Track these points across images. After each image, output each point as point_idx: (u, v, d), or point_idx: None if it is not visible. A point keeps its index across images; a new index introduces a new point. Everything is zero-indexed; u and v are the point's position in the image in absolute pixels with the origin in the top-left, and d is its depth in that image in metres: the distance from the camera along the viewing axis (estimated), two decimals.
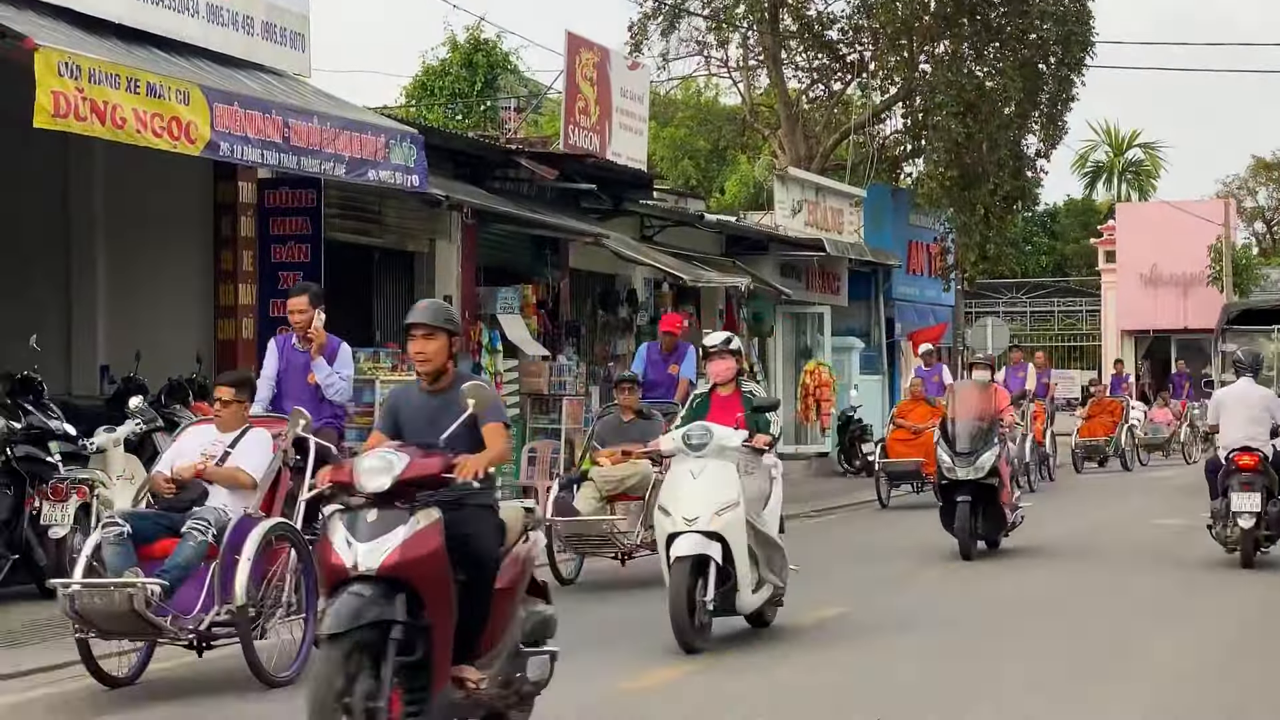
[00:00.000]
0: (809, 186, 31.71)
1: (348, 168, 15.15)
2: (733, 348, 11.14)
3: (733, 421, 10.47)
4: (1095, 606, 12.24)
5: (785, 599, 10.66)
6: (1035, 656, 9.97)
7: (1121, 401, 30.88)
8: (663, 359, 16.55)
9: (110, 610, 8.32)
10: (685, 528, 9.82)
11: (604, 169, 22.60)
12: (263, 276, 16.92)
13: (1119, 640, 10.60)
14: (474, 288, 20.25)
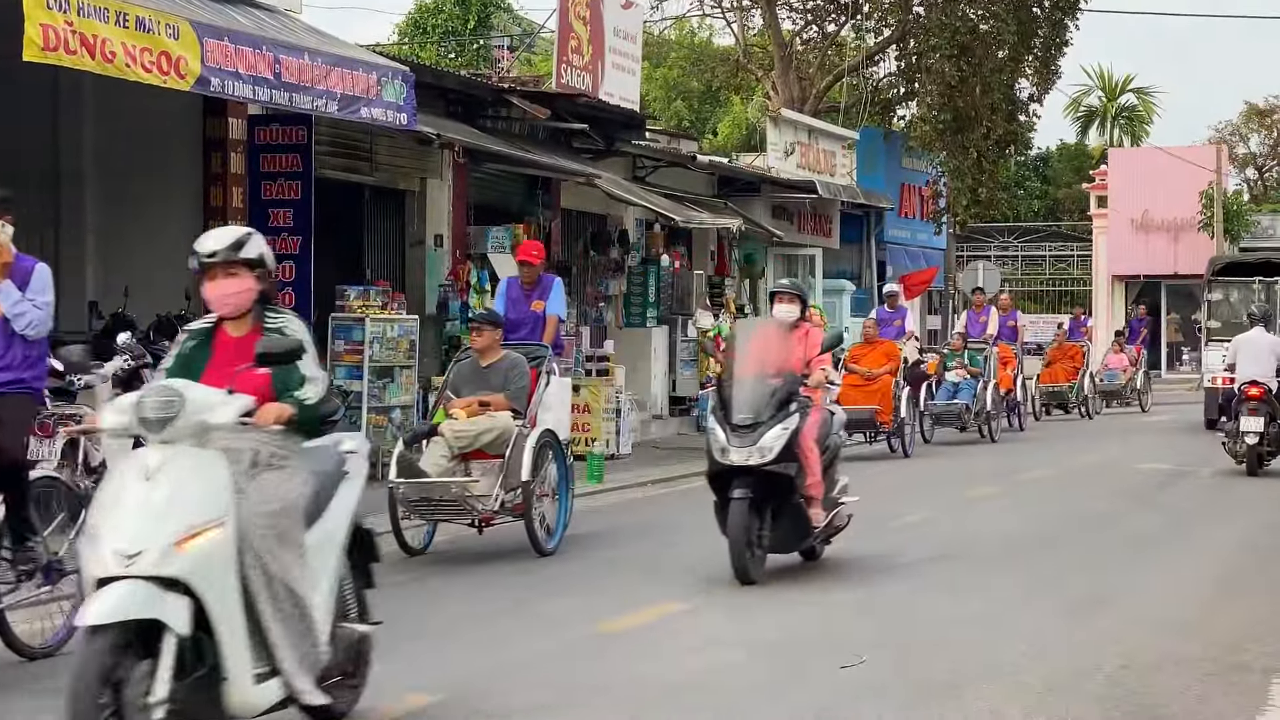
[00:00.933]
0: (802, 129, 31.61)
1: (339, 105, 15.06)
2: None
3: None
4: (1089, 542, 12.28)
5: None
6: (1026, 594, 9.99)
7: (1082, 347, 30.11)
8: (524, 294, 14.32)
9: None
10: (118, 570, 5.59)
11: (596, 109, 22.49)
12: (253, 214, 16.83)
13: (1108, 578, 10.63)
14: (465, 226, 20.19)
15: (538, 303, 14.23)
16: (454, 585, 10.68)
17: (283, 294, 16.91)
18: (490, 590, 10.44)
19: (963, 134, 33.41)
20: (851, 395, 20.13)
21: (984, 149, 33.86)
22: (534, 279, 14.46)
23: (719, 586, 10.34)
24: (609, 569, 11.33)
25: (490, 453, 11.67)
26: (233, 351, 6.55)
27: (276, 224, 16.88)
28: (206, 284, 6.54)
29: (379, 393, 16.99)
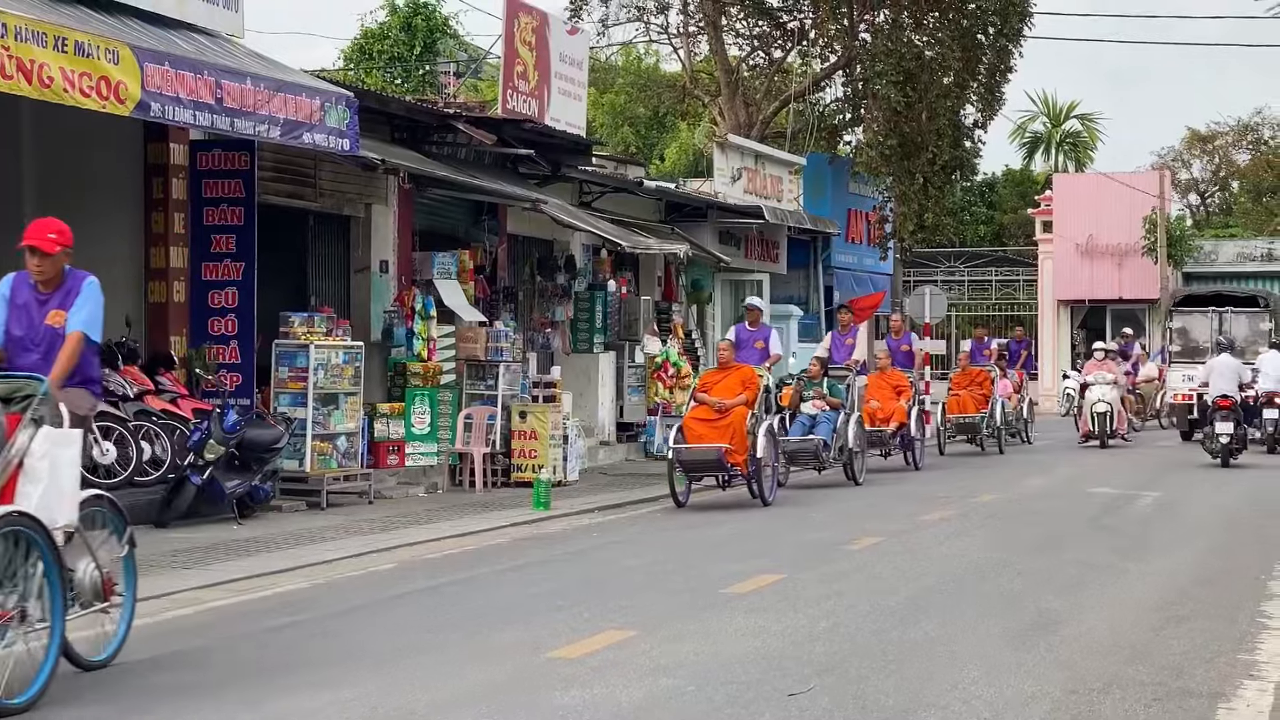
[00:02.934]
0: (749, 154, 31.68)
1: (282, 130, 14.99)
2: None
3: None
4: (1038, 567, 12.28)
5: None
6: (976, 618, 9.97)
7: (989, 371, 27.71)
8: (37, 300, 9.04)
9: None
10: None
11: (543, 134, 22.47)
12: (195, 239, 16.77)
13: (1056, 602, 10.62)
14: (411, 253, 20.11)
15: (56, 313, 8.91)
16: None
17: (225, 320, 16.83)
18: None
19: (909, 159, 33.57)
20: (696, 431, 17.35)
21: (930, 174, 34.04)
22: (54, 276, 9.06)
23: (667, 614, 10.28)
24: (554, 597, 11.24)
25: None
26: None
27: (219, 250, 16.79)
28: None
29: (323, 420, 16.87)
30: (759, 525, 15.71)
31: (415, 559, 13.27)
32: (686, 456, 17.26)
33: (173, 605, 10.80)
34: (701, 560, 12.99)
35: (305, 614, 10.56)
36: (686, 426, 17.42)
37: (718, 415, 17.44)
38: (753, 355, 19.74)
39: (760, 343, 20.26)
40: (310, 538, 14.31)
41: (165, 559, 12.69)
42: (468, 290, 20.60)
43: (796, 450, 19.76)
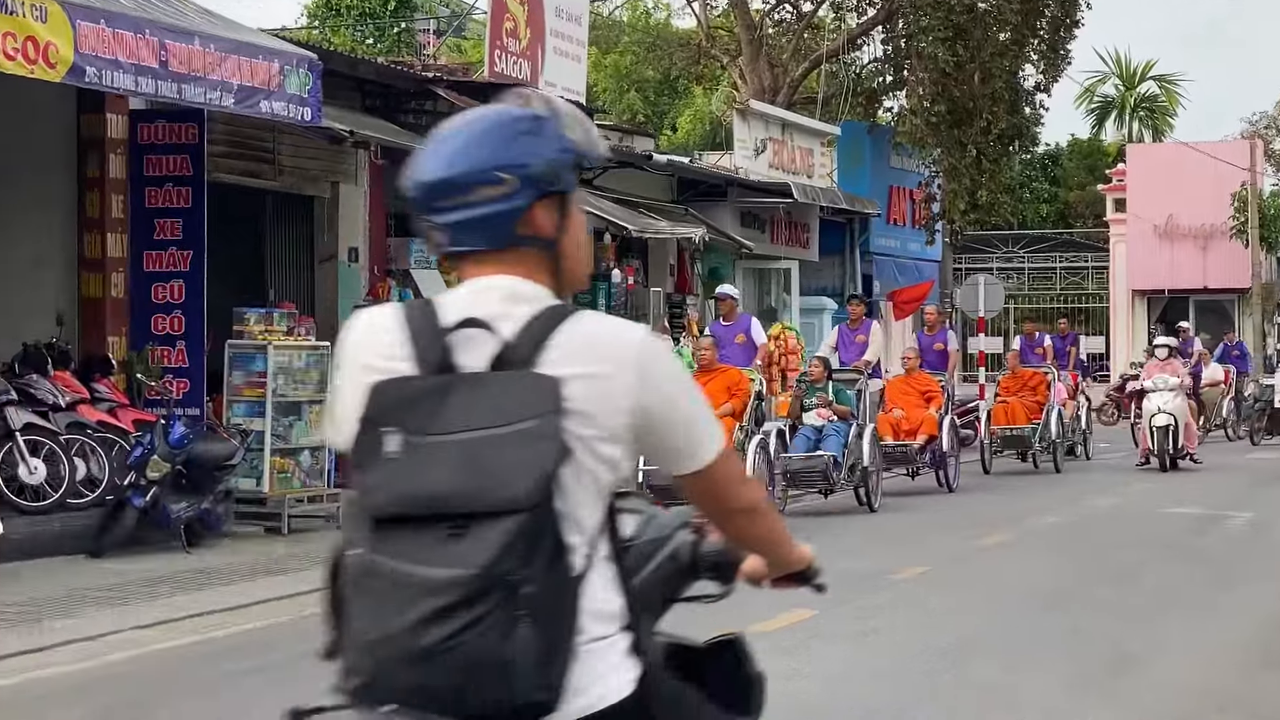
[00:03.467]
0: (774, 123, 31.65)
1: (235, 98, 15.00)
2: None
3: None
4: (1109, 598, 12.26)
5: None
6: (1039, 657, 9.95)
7: (1043, 374, 26.64)
8: None
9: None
10: None
11: None
12: (136, 224, 16.76)
13: (1132, 639, 10.60)
14: (384, 238, 20.12)
15: None
16: None
17: (171, 318, 16.85)
18: None
19: (959, 128, 33.51)
20: None
21: (984, 145, 33.98)
22: None
23: None
24: None
25: None
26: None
27: (163, 236, 16.81)
28: None
29: (284, 432, 16.87)
30: None
31: None
32: (657, 480, 15.13)
33: (108, 648, 10.77)
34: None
35: (264, 658, 10.53)
36: None
37: None
38: (735, 354, 18.85)
39: (740, 336, 19.53)
40: (270, 569, 14.29)
41: (101, 594, 12.68)
42: (450, 281, 20.52)
43: (801, 470, 18.72)
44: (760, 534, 3.41)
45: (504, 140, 3.15)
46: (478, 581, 2.85)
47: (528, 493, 2.89)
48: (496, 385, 2.99)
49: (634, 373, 3.06)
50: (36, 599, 12.33)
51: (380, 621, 2.91)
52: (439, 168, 3.19)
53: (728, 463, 3.25)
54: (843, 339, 22.72)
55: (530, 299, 3.13)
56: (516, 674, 2.87)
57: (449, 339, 3.07)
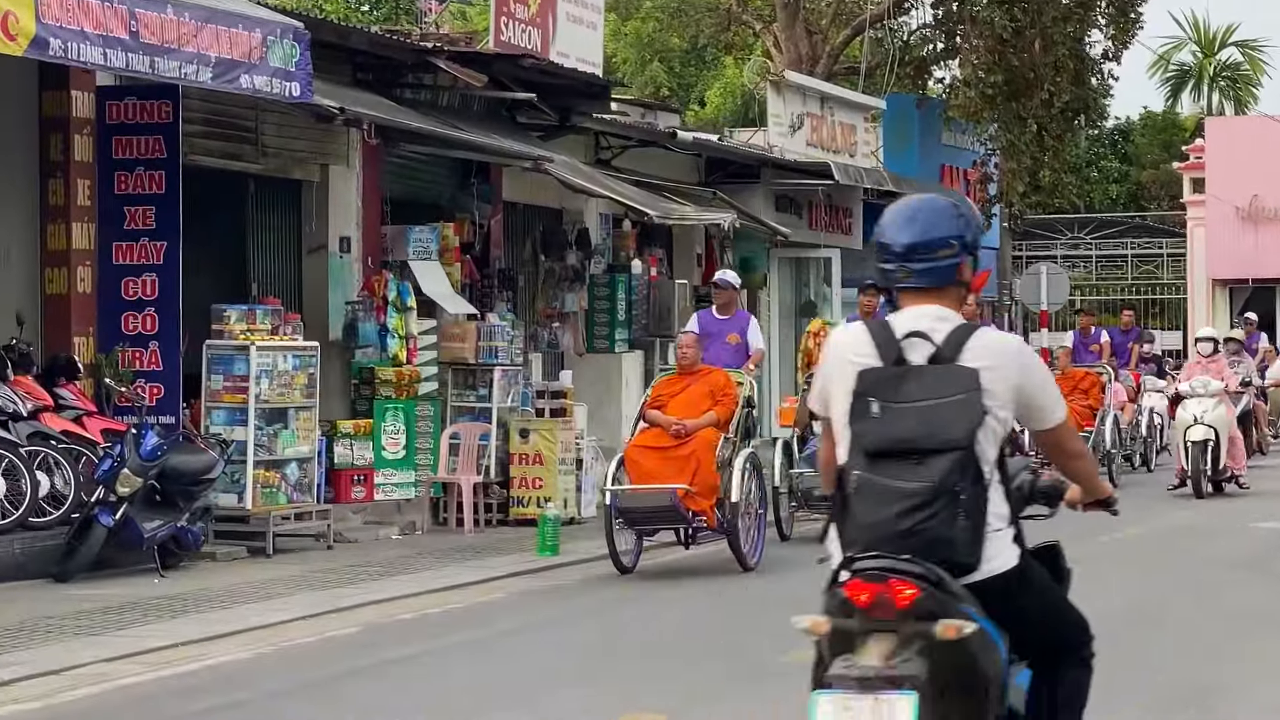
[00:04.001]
0: (812, 96, 31.60)
1: (213, 72, 14.99)
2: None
3: None
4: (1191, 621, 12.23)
5: None
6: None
7: (1098, 374, 25.50)
8: None
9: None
10: None
11: (547, 74, 22.43)
12: (104, 213, 16.75)
13: (1215, 667, 10.56)
14: (379, 227, 20.10)
15: None
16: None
17: (143, 316, 16.87)
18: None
19: (1018, 101, 33.45)
20: (644, 465, 15.53)
21: (1045, 120, 33.92)
22: None
23: (707, 691, 10.26)
24: (564, 669, 11.22)
25: None
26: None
27: (134, 225, 16.80)
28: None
29: (268, 441, 16.87)
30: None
31: (385, 620, 13.26)
32: (627, 503, 15.43)
33: (74, 682, 10.78)
34: (751, 620, 12.96)
35: (245, 692, 10.55)
36: (630, 459, 15.57)
37: (674, 442, 15.53)
38: (725, 354, 17.90)
39: (735, 335, 18.38)
40: (252, 594, 14.30)
41: (66, 622, 12.70)
42: (453, 274, 20.56)
43: (814, 489, 17.07)
44: (1084, 470, 6.12)
45: (951, 219, 5.81)
46: (934, 491, 5.45)
47: (962, 437, 5.51)
48: (934, 374, 5.61)
49: (1015, 365, 5.69)
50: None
51: (874, 513, 5.49)
52: (916, 234, 5.80)
53: (1067, 425, 5.91)
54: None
55: (950, 319, 5.72)
56: (957, 546, 5.47)
57: (901, 344, 5.68)
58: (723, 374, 16.38)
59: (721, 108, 45.62)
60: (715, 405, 15.89)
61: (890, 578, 5.40)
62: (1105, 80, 36.10)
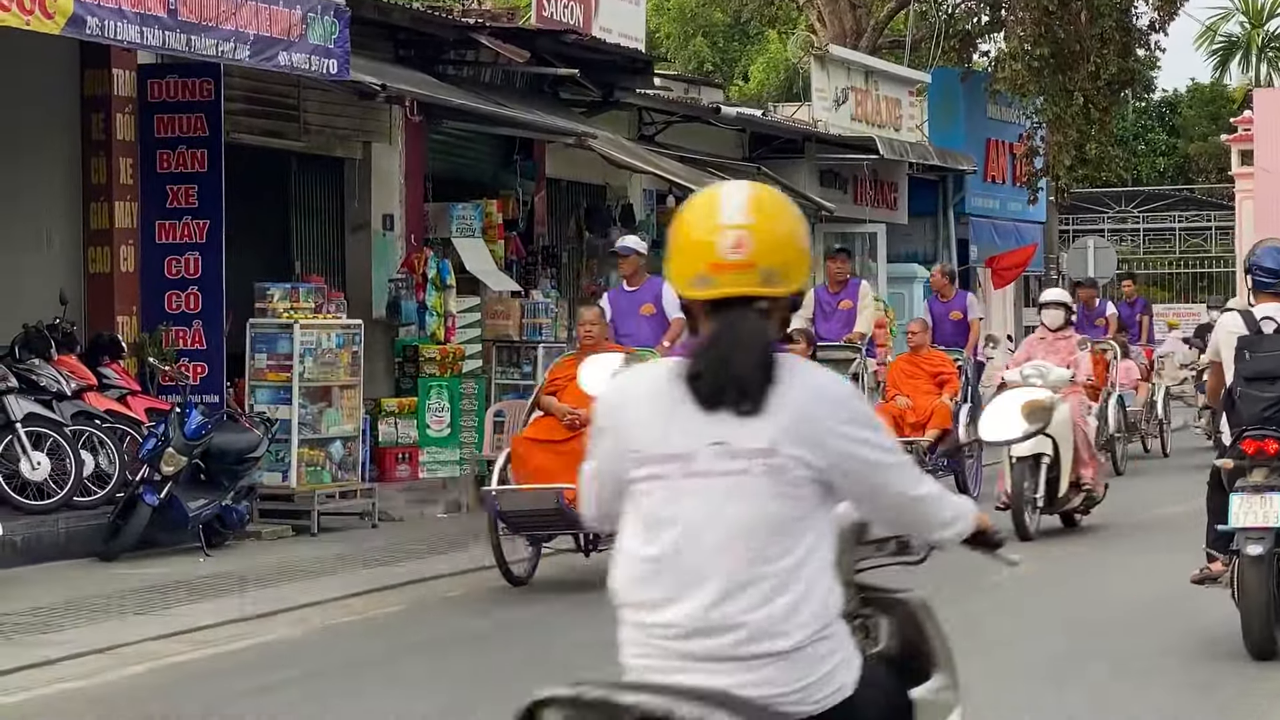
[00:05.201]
0: (857, 70, 31.50)
1: (252, 50, 15.01)
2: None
3: None
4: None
5: None
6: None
7: (1103, 351, 22.08)
8: None
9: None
10: None
11: (590, 49, 22.41)
12: (146, 192, 16.79)
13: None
14: (422, 204, 20.11)
15: None
16: None
17: (186, 295, 16.92)
18: None
19: (1064, 74, 33.27)
20: (531, 461, 13.60)
21: (1092, 93, 33.72)
22: None
23: None
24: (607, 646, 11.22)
25: None
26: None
27: (177, 204, 16.82)
28: None
29: (312, 420, 16.89)
30: None
31: (432, 597, 13.27)
32: (508, 505, 13.43)
33: (121, 661, 10.83)
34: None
35: (293, 671, 10.58)
36: (516, 455, 13.66)
37: (569, 434, 13.42)
38: (643, 329, 16.09)
39: (648, 306, 16.28)
40: (298, 572, 14.32)
41: (111, 602, 12.73)
42: (496, 251, 20.57)
43: None
44: None
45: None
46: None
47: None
48: (1276, 339, 10.39)
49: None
50: (39, 608, 12.40)
51: (1250, 410, 10.25)
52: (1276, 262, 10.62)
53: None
54: (821, 306, 20.08)
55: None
56: None
57: (1260, 322, 10.41)
58: (624, 353, 14.16)
59: (765, 83, 45.53)
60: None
61: (1266, 438, 10.12)
62: (1152, 52, 35.91)
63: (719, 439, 4.05)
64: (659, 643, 4.06)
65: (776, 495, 4.04)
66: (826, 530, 4.15)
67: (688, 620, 4.01)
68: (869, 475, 4.17)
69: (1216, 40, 63.24)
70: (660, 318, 16.02)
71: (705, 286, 4.16)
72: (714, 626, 4.01)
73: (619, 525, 4.24)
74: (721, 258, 4.11)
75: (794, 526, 4.06)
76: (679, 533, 4.06)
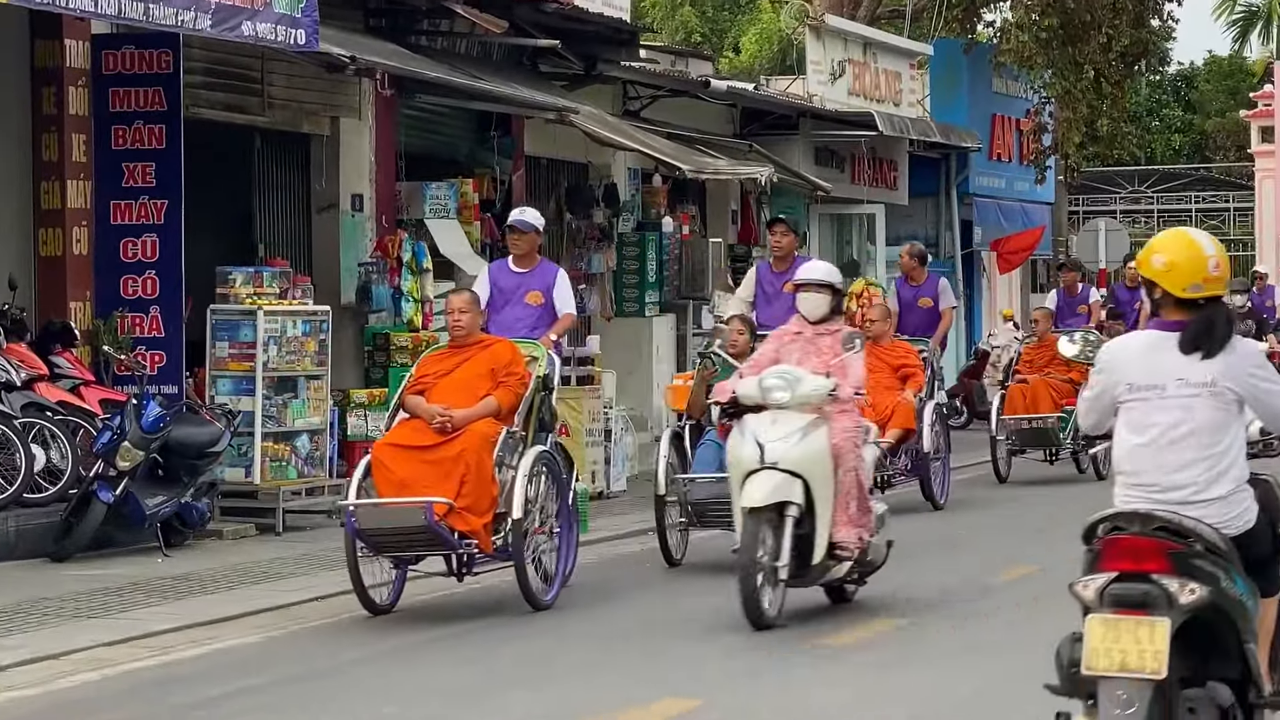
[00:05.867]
0: (854, 42, 31.50)
1: (213, 19, 14.98)
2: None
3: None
4: None
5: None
6: None
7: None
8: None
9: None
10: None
11: (571, 19, 22.40)
12: (100, 170, 16.76)
13: None
14: (394, 183, 20.10)
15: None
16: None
17: (143, 279, 16.89)
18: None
19: (1074, 46, 33.30)
20: (395, 472, 12.44)
21: (1103, 66, 33.76)
22: None
23: (737, 675, 10.27)
24: (594, 652, 11.22)
25: None
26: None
27: (133, 183, 16.79)
28: None
29: (277, 412, 16.88)
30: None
31: (403, 602, 13.25)
32: (369, 521, 12.34)
33: (73, 667, 10.82)
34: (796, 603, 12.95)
35: (255, 678, 10.57)
36: (378, 463, 12.47)
37: (438, 439, 12.46)
38: (526, 319, 14.63)
39: (536, 294, 14.76)
40: (261, 573, 14.32)
41: (65, 604, 12.73)
42: (471, 233, 20.56)
43: (709, 501, 14.21)
44: None
45: None
46: None
47: None
48: None
49: None
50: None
51: None
52: None
53: None
54: (763, 287, 17.78)
55: None
56: None
57: None
58: (508, 347, 13.08)
59: (757, 55, 45.48)
60: (497, 388, 12.67)
61: None
62: (1167, 22, 35.93)
63: (1180, 376, 7.09)
64: (1144, 495, 7.07)
65: (1214, 409, 7.10)
66: (1241, 430, 7.21)
67: (1165, 480, 7.06)
68: (1264, 398, 7.19)
69: (1236, 10, 63.29)
70: (547, 310, 14.64)
71: (1198, 290, 7.13)
72: (1178, 485, 7.06)
73: (1109, 429, 7.33)
74: (1209, 273, 7.15)
75: (1224, 427, 7.13)
76: (1157, 431, 7.10)
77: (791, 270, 16.09)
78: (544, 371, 13.16)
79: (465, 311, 13.01)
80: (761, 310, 17.21)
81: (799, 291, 12.95)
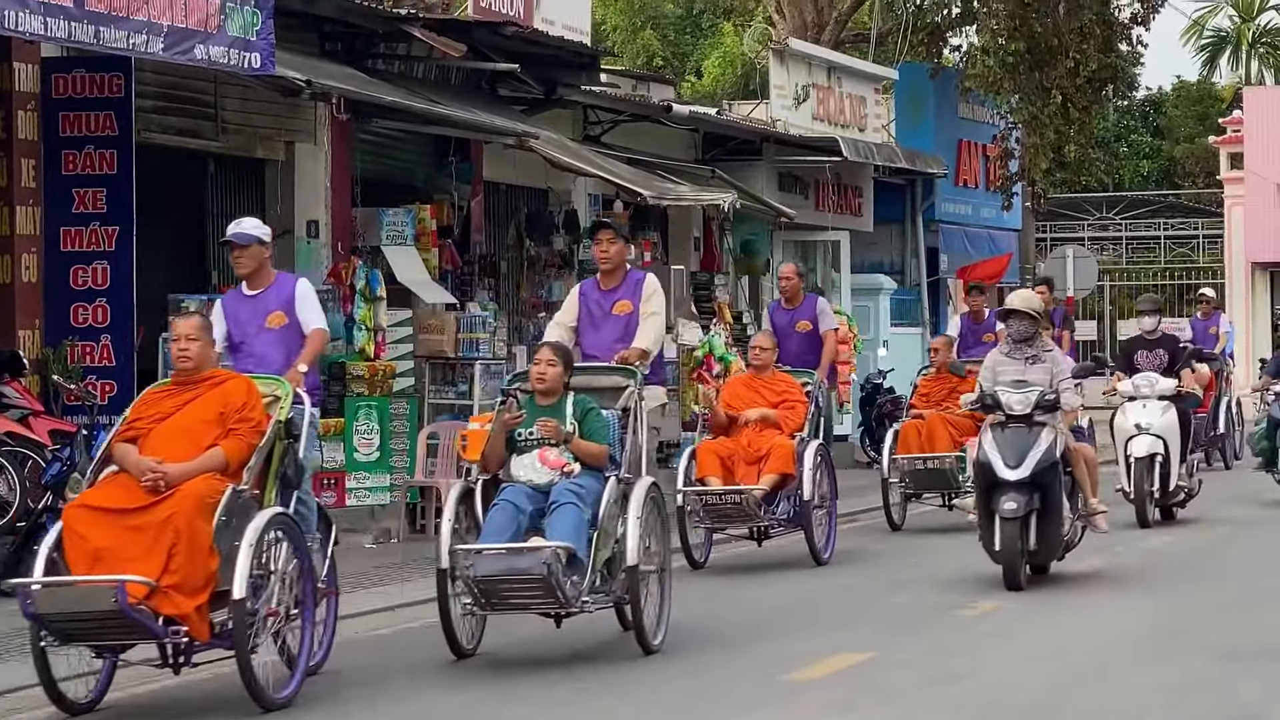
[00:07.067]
0: (819, 66, 31.57)
1: (165, 42, 14.93)
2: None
3: None
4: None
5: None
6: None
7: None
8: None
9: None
10: None
11: (531, 42, 22.43)
12: (50, 195, 16.72)
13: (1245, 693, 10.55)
14: (349, 209, 20.08)
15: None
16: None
17: (94, 307, 16.85)
18: None
19: (1041, 70, 33.41)
20: (89, 540, 10.36)
21: (1071, 91, 33.86)
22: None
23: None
24: (559, 688, 11.18)
25: None
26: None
27: (84, 209, 16.78)
28: None
29: None
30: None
31: (357, 638, 13.20)
32: (50, 604, 10.20)
33: (20, 705, 10.71)
34: (770, 632, 12.94)
35: (202, 717, 10.49)
36: (69, 530, 10.36)
37: (146, 500, 10.43)
38: (270, 347, 12.59)
39: (278, 315, 12.64)
40: None
41: (11, 641, 12.63)
42: (429, 260, 20.53)
43: (499, 579, 11.56)
44: None
45: None
46: None
47: None
48: None
49: None
50: None
51: None
52: None
53: None
54: (588, 311, 14.79)
55: None
56: None
57: None
58: (243, 385, 11.09)
59: (720, 79, 45.58)
60: (228, 435, 10.76)
61: None
62: (1135, 47, 36.05)
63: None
64: None
65: None
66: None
67: None
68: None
69: (1204, 35, 63.58)
70: (293, 330, 12.58)
71: None
72: None
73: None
74: None
75: None
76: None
77: (622, 290, 14.62)
78: (286, 416, 11.06)
79: (194, 339, 11.02)
80: (586, 337, 14.59)
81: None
